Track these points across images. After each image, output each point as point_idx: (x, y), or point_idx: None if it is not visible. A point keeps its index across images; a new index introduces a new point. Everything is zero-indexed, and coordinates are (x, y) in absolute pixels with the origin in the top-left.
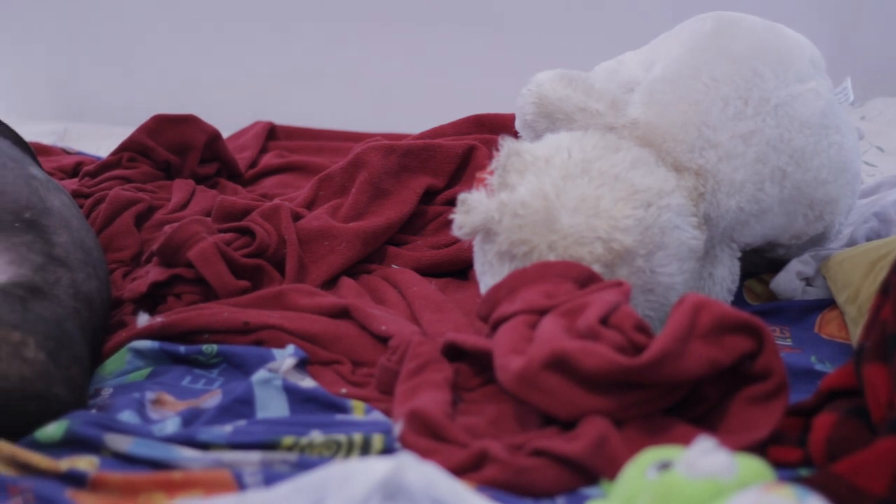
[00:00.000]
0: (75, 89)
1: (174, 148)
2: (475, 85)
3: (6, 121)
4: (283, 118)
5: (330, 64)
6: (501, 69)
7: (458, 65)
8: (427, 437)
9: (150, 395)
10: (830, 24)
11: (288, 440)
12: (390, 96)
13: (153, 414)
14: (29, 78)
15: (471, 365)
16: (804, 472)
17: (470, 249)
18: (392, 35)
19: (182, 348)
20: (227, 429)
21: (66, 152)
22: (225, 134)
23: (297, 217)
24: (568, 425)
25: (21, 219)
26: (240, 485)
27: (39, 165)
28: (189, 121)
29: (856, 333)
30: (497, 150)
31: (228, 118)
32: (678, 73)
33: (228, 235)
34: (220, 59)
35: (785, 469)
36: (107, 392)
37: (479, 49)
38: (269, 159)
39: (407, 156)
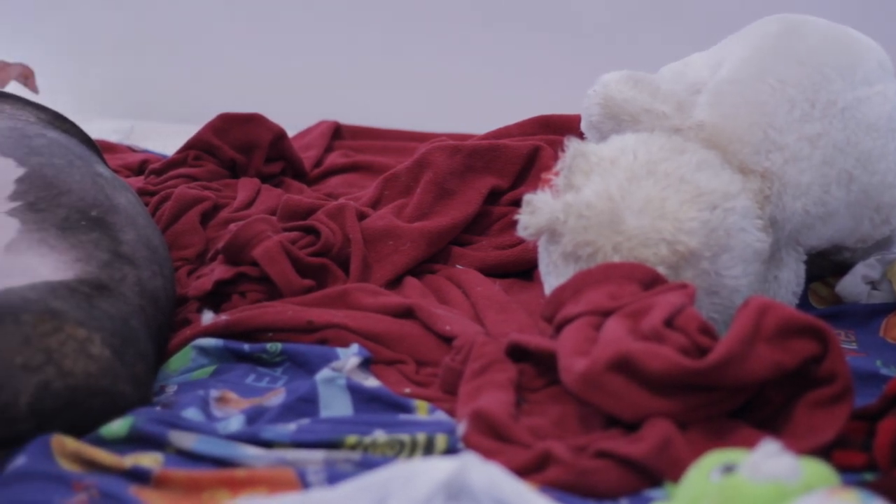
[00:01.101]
0: (142, 87)
1: (240, 146)
2: (541, 85)
3: (73, 119)
4: (348, 117)
5: (396, 63)
6: (567, 70)
7: (525, 65)
8: (490, 437)
9: (214, 393)
10: None
11: (351, 439)
12: (456, 96)
13: (217, 411)
14: (96, 76)
15: (535, 366)
16: (869, 477)
17: (534, 250)
18: (459, 35)
19: (246, 346)
20: (290, 427)
21: (132, 150)
22: (290, 133)
23: (362, 216)
24: (631, 427)
25: (87, 217)
26: (303, 483)
27: (106, 163)
28: (255, 119)
29: None
30: (562, 150)
31: (294, 117)
32: (745, 75)
33: (293, 234)
34: (287, 57)
35: (849, 473)
36: (171, 389)
37: (545, 50)
38: (334, 158)
39: (472, 156)
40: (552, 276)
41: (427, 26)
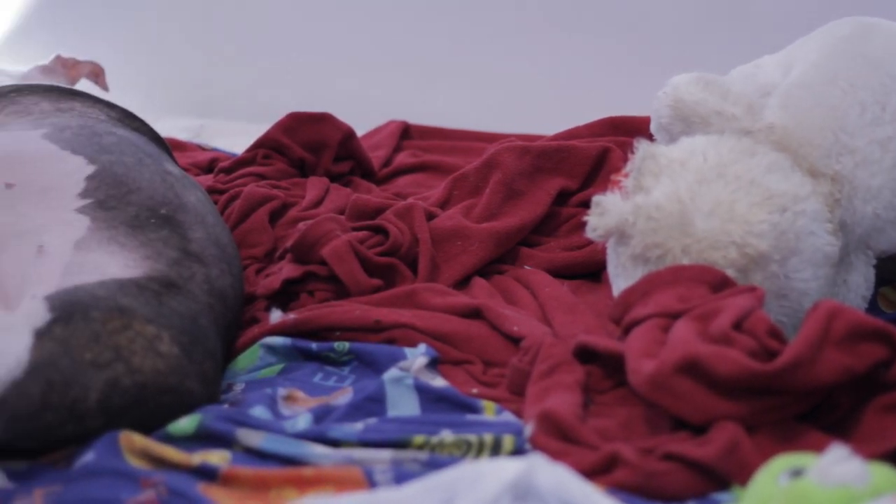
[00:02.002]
0: (212, 86)
1: (309, 145)
2: (610, 87)
3: (143, 116)
4: (417, 117)
5: (464, 63)
6: (637, 71)
7: (594, 66)
8: (558, 438)
9: (281, 392)
10: None
11: (419, 439)
12: (525, 97)
13: (285, 410)
14: (166, 74)
15: (602, 367)
16: None
17: (603, 252)
18: (527, 36)
19: (314, 345)
20: (357, 426)
21: (201, 148)
22: (359, 132)
23: (430, 216)
24: (699, 430)
25: (157, 214)
26: (370, 482)
27: (175, 161)
28: (324, 119)
29: None
30: (632, 152)
31: (363, 116)
32: (816, 78)
33: (362, 234)
34: (356, 57)
35: None
36: (239, 387)
37: (615, 51)
38: (402, 158)
39: (541, 157)
40: (621, 277)
41: (496, 27)
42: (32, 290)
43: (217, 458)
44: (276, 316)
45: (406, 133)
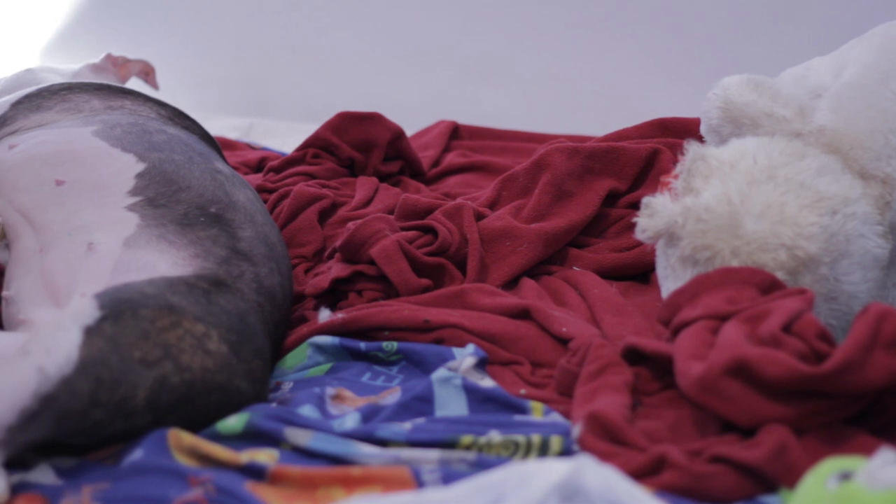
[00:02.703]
0: (261, 85)
1: (358, 145)
2: (660, 88)
3: (193, 115)
4: (467, 118)
5: (515, 64)
6: (687, 73)
7: (644, 68)
8: (606, 440)
9: (329, 391)
10: None
11: (466, 439)
12: (575, 98)
13: (333, 409)
14: (216, 73)
15: (651, 369)
16: None
17: (652, 253)
18: (577, 37)
19: (362, 345)
20: (406, 426)
21: (251, 147)
22: (409, 132)
23: (479, 217)
24: (747, 432)
25: (206, 213)
26: (418, 482)
27: (225, 160)
28: (374, 118)
29: None
30: (682, 154)
31: (413, 116)
32: (867, 81)
33: (411, 233)
34: (405, 56)
35: None
36: (287, 386)
37: (665, 52)
38: (452, 158)
39: (591, 158)
40: (670, 279)
41: (546, 28)
42: (82, 287)
43: (265, 456)
44: (324, 315)
45: (455, 133)
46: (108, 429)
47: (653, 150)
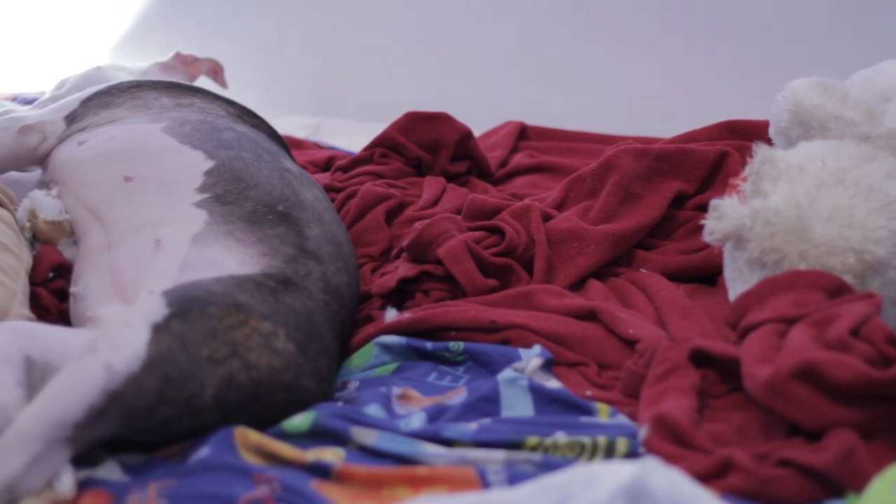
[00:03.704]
0: (330, 85)
1: (426, 145)
2: (729, 90)
3: (261, 114)
4: (534, 118)
5: (582, 65)
6: (756, 75)
7: (713, 70)
8: (672, 442)
9: (396, 390)
10: None
11: (532, 440)
12: (643, 99)
13: (399, 409)
14: (285, 72)
15: (718, 372)
16: None
17: (719, 256)
18: (645, 38)
19: (429, 344)
20: (471, 426)
21: (319, 146)
22: (476, 132)
23: (546, 217)
24: (814, 436)
25: (274, 211)
26: (483, 483)
27: (293, 159)
28: (442, 118)
29: None
30: (750, 156)
31: (480, 117)
32: None
33: (478, 234)
34: (473, 57)
35: None
36: (353, 385)
37: (733, 54)
38: (519, 159)
39: (659, 160)
40: (737, 282)
41: (614, 29)
42: (150, 284)
43: (331, 455)
44: (391, 315)
45: (523, 134)
46: (175, 426)
47: (721, 153)
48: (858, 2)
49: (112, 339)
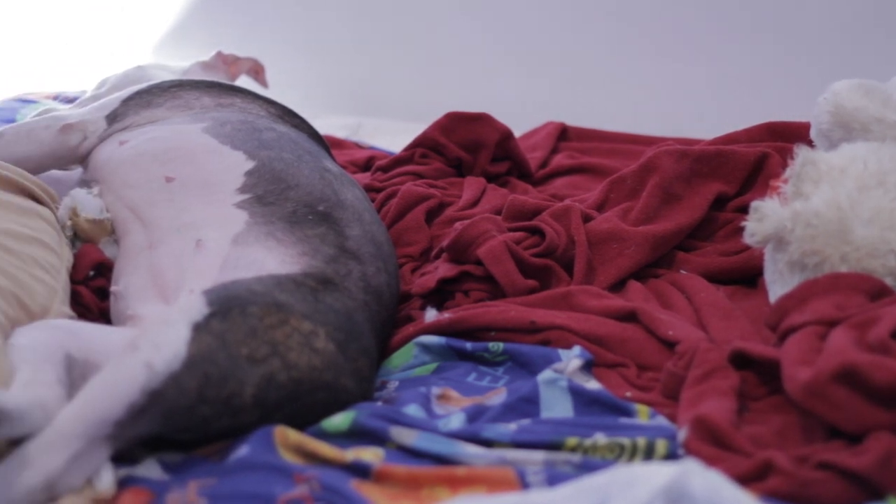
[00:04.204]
0: (370, 85)
1: (466, 145)
2: (769, 92)
3: (302, 114)
4: (575, 119)
5: (623, 66)
6: (797, 77)
7: (754, 71)
8: (711, 444)
9: (435, 390)
10: None
11: (572, 441)
12: (683, 100)
13: (438, 409)
14: (325, 72)
15: (758, 374)
16: None
17: (760, 257)
18: (687, 40)
19: (468, 345)
20: (511, 427)
21: (359, 146)
22: (517, 133)
23: (587, 218)
24: (854, 439)
25: (315, 211)
26: (523, 483)
27: (333, 159)
28: (482, 119)
29: None
30: (791, 158)
31: (521, 117)
32: None
33: (518, 234)
34: (515, 57)
35: None
36: (393, 385)
37: (774, 56)
38: (560, 160)
39: (699, 161)
40: (778, 284)
41: (654, 31)
42: (190, 284)
43: (370, 455)
44: (431, 315)
45: (564, 134)
46: (214, 425)
47: (762, 154)
48: None
49: (153, 338)
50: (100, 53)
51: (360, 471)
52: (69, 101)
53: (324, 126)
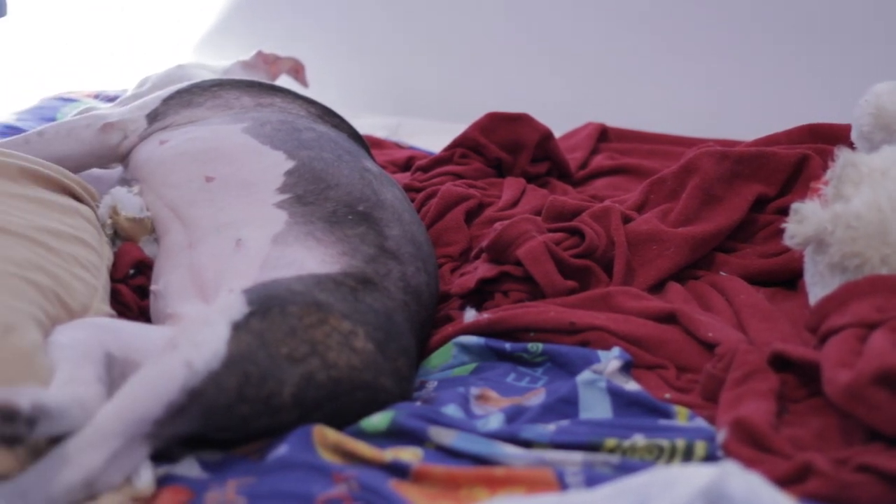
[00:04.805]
0: (410, 85)
1: (506, 146)
2: (811, 93)
3: (342, 114)
4: (615, 120)
5: (663, 67)
6: (838, 78)
7: (794, 72)
8: (751, 446)
9: (474, 391)
10: None
11: (610, 442)
12: (724, 102)
13: (477, 409)
14: (365, 72)
15: (797, 376)
16: None
17: (800, 259)
18: (727, 41)
19: (507, 345)
20: (550, 427)
21: (399, 146)
22: (557, 134)
23: (626, 219)
24: (894, 441)
25: (354, 211)
26: (561, 484)
27: (373, 159)
28: (522, 119)
29: None
30: (832, 160)
31: (561, 118)
32: None
33: (558, 235)
34: (553, 58)
35: None
36: (431, 385)
37: (815, 58)
38: (600, 161)
39: (740, 162)
40: (818, 286)
41: (695, 31)
42: (230, 283)
43: (409, 455)
44: (470, 315)
45: (604, 135)
46: (254, 424)
47: (802, 156)
48: None
49: (192, 336)
50: (141, 52)
51: (398, 470)
52: (110, 99)
53: (364, 126)
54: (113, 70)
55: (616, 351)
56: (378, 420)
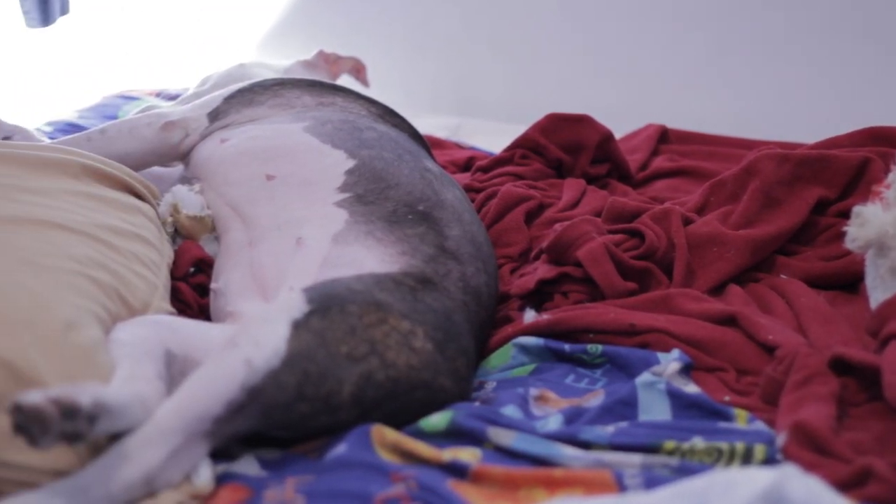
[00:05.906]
0: (471, 85)
1: (567, 147)
2: (872, 96)
3: (403, 114)
4: (676, 122)
5: (724, 69)
6: None
7: (856, 76)
8: (811, 450)
9: (533, 392)
10: None
11: (669, 444)
12: (785, 104)
13: (536, 410)
14: (426, 72)
15: (858, 380)
16: None
17: (861, 263)
18: (787, 43)
19: (567, 346)
20: (608, 429)
21: (459, 147)
22: (617, 135)
23: (687, 221)
24: None
25: (414, 210)
26: (620, 486)
27: (434, 159)
28: (583, 120)
29: None
30: (894, 163)
31: (621, 119)
32: None
33: (618, 236)
34: (614, 60)
35: None
36: (490, 385)
37: (877, 60)
38: (660, 162)
39: (801, 165)
40: (879, 289)
41: (757, 34)
42: (290, 281)
43: (467, 455)
44: (529, 316)
45: (664, 137)
46: (312, 423)
47: (864, 159)
48: None
49: (252, 334)
50: (203, 51)
51: (457, 471)
52: (171, 98)
53: (424, 126)
54: (175, 68)
55: (676, 353)
56: (437, 420)
